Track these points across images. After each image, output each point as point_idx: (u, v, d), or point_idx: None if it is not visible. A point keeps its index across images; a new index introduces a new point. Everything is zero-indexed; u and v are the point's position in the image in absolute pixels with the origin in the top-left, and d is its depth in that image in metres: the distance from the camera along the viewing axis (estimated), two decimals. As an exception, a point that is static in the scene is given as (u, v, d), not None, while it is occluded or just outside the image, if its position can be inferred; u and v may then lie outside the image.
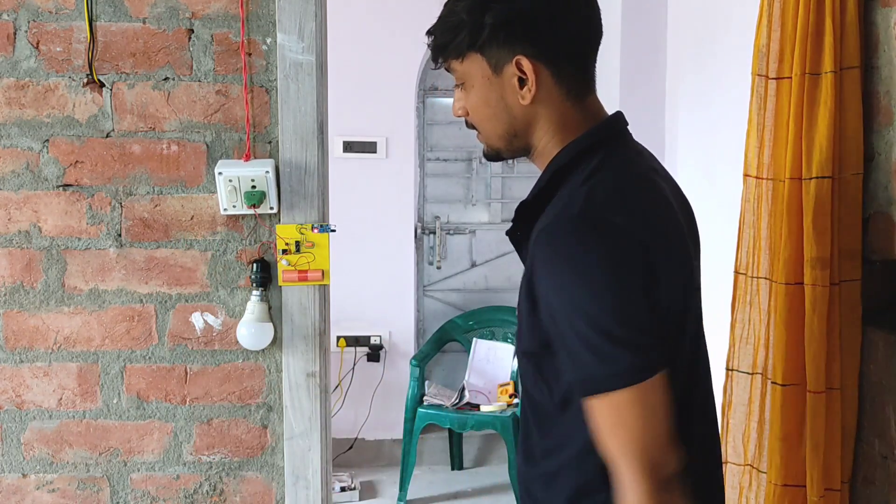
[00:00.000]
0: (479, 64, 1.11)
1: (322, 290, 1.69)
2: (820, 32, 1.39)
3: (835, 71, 1.37)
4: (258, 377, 1.71)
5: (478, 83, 1.13)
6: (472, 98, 1.15)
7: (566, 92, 1.12)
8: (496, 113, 1.14)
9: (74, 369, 1.69)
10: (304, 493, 1.71)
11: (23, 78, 1.63)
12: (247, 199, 1.61)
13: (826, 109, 1.38)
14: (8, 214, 1.66)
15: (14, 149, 1.65)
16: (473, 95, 1.15)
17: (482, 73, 1.12)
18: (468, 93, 1.15)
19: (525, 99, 1.11)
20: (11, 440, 1.70)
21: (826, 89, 1.38)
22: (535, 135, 1.15)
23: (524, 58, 1.09)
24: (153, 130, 1.65)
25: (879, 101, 1.38)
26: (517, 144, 1.17)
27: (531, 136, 1.16)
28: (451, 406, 3.62)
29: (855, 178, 1.40)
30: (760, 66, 1.48)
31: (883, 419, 1.36)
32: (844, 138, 1.40)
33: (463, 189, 4.23)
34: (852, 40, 1.38)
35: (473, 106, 1.16)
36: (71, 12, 1.63)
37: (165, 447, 1.71)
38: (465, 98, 1.16)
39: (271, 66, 1.65)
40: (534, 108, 1.12)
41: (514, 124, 1.14)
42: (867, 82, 1.40)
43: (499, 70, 1.11)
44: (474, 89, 1.14)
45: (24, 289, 1.67)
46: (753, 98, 1.49)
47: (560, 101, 1.12)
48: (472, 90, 1.14)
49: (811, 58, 1.40)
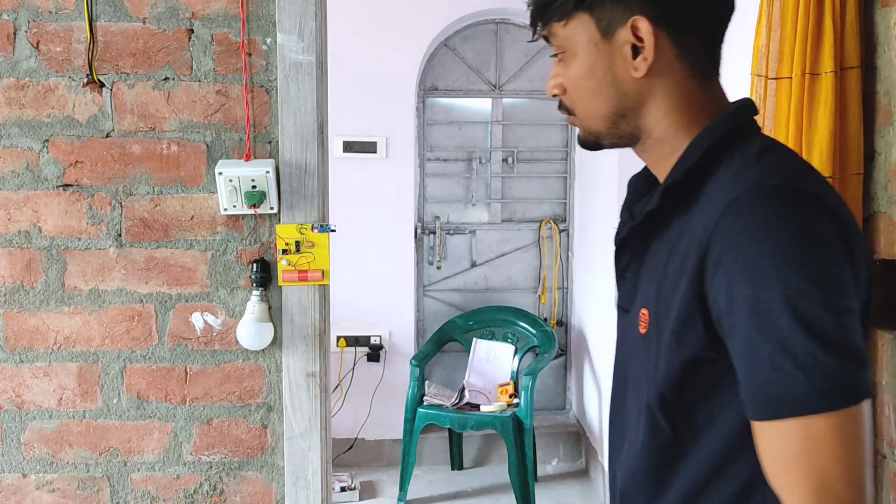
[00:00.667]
0: (585, 26, 0.93)
1: (322, 290, 1.69)
2: (820, 32, 1.39)
3: (835, 71, 1.37)
4: (258, 377, 1.71)
5: (582, 50, 0.94)
6: (573, 69, 0.95)
7: (689, 68, 0.94)
8: (601, 87, 0.94)
9: (74, 369, 1.69)
10: (304, 493, 1.71)
11: (23, 78, 1.64)
12: (247, 199, 1.61)
13: (826, 109, 1.38)
14: (8, 214, 1.66)
15: (14, 149, 1.65)
16: (575, 66, 0.95)
17: (589, 38, 0.93)
18: (568, 64, 0.96)
19: (639, 70, 0.92)
20: (11, 440, 1.70)
21: (826, 89, 1.38)
22: (649, 117, 0.96)
23: (643, 19, 0.90)
24: (153, 130, 1.65)
25: (879, 101, 1.38)
26: (623, 128, 0.97)
27: (642, 119, 0.96)
28: (451, 406, 3.62)
29: (855, 178, 1.40)
30: (760, 67, 1.48)
31: (883, 419, 1.36)
32: (844, 138, 1.40)
33: (463, 189, 4.23)
34: (852, 40, 1.38)
35: (573, 79, 0.96)
36: (71, 12, 1.63)
37: (165, 447, 1.71)
38: (564, 71, 0.97)
39: (271, 66, 1.65)
40: (648, 84, 0.94)
41: (623, 102, 0.95)
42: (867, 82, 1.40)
43: (609, 34, 0.93)
44: (577, 58, 0.95)
45: (24, 289, 1.67)
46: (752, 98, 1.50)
47: (682, 77, 0.94)
48: (573, 60, 0.95)
49: (811, 58, 1.40)
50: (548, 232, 4.24)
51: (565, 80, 0.97)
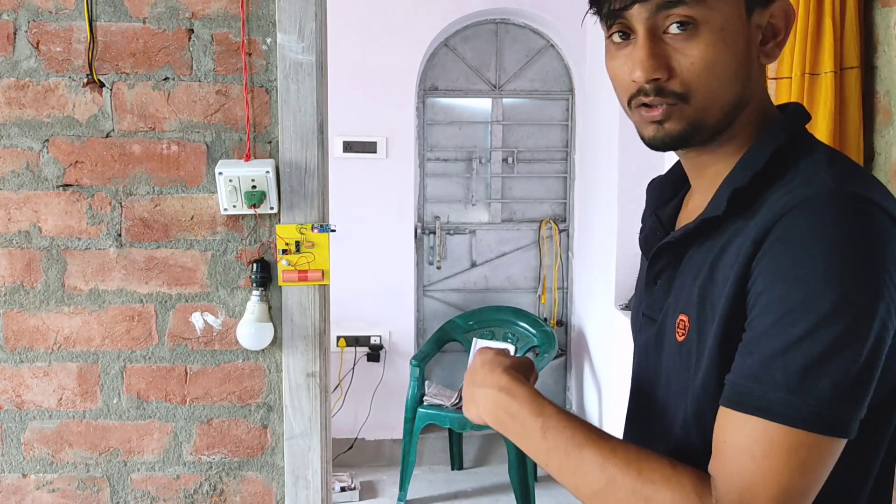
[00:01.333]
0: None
1: (322, 290, 1.69)
2: (819, 33, 1.39)
3: (834, 71, 1.37)
4: (258, 377, 1.71)
5: (726, 25, 0.81)
6: (707, 47, 0.81)
7: None
8: (737, 71, 0.83)
9: (74, 369, 1.69)
10: (304, 493, 1.71)
11: (23, 78, 1.64)
12: (247, 199, 1.61)
13: (826, 109, 1.38)
14: (8, 214, 1.66)
15: (14, 149, 1.65)
16: (715, 42, 0.81)
17: (735, 12, 0.81)
18: (697, 39, 0.81)
19: (771, 56, 0.84)
20: (11, 440, 1.70)
21: (826, 89, 1.38)
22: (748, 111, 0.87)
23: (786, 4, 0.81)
24: (153, 130, 1.65)
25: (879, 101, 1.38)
26: (727, 122, 0.86)
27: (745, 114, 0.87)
28: (451, 406, 3.62)
29: (855, 178, 1.40)
30: (760, 66, 1.48)
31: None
32: (844, 138, 1.40)
33: (463, 189, 4.23)
34: (852, 40, 1.38)
35: (706, 58, 0.81)
36: (71, 12, 1.63)
37: (165, 447, 1.71)
38: (688, 47, 0.82)
39: (271, 66, 1.65)
40: (762, 74, 0.86)
41: (748, 90, 0.85)
42: (867, 82, 1.40)
43: (751, 13, 0.83)
44: (715, 35, 0.81)
45: (24, 289, 1.67)
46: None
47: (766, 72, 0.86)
48: (709, 35, 0.81)
49: (811, 58, 1.40)
50: (548, 232, 4.24)
51: (693, 56, 0.82)
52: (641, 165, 3.26)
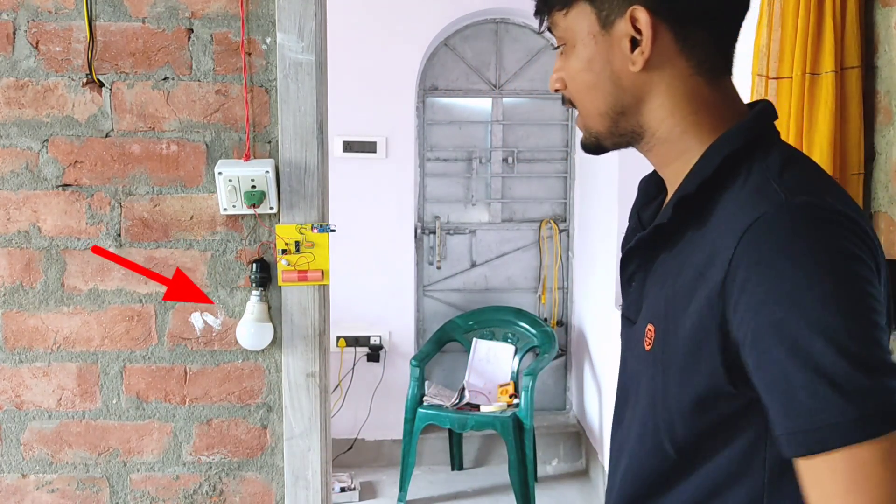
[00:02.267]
0: (586, 16, 0.90)
1: (322, 290, 1.69)
2: (820, 32, 1.39)
3: (835, 71, 1.37)
4: (258, 377, 1.71)
5: (582, 41, 0.91)
6: (573, 62, 0.92)
7: (696, 64, 0.89)
8: (599, 81, 0.91)
9: (74, 369, 1.69)
10: (304, 494, 1.71)
11: (22, 78, 1.63)
12: (247, 199, 1.61)
13: (826, 109, 1.38)
14: (7, 214, 1.66)
15: (13, 149, 1.65)
16: (574, 59, 0.92)
17: (588, 29, 0.90)
18: (568, 56, 0.93)
19: (636, 64, 0.88)
20: (11, 440, 1.70)
21: (826, 89, 1.38)
22: (650, 115, 0.91)
23: (642, 10, 0.86)
24: (153, 130, 1.65)
25: (880, 101, 1.38)
26: (624, 126, 0.93)
27: (643, 117, 0.92)
28: (451, 406, 3.62)
29: (855, 178, 1.40)
30: (761, 67, 1.48)
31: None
32: (845, 138, 1.39)
33: (463, 189, 4.22)
34: (853, 40, 1.38)
35: (573, 72, 0.93)
36: (70, 12, 1.63)
37: (165, 447, 1.71)
38: (565, 64, 0.94)
39: (271, 65, 1.64)
40: (648, 79, 0.89)
41: (621, 98, 0.91)
42: (868, 82, 1.40)
43: (608, 25, 0.89)
44: (576, 50, 0.92)
45: (24, 289, 1.67)
46: (754, 98, 1.49)
47: (688, 74, 0.89)
48: (573, 52, 0.92)
49: (811, 58, 1.39)
50: (548, 232, 4.24)
51: (566, 71, 0.93)
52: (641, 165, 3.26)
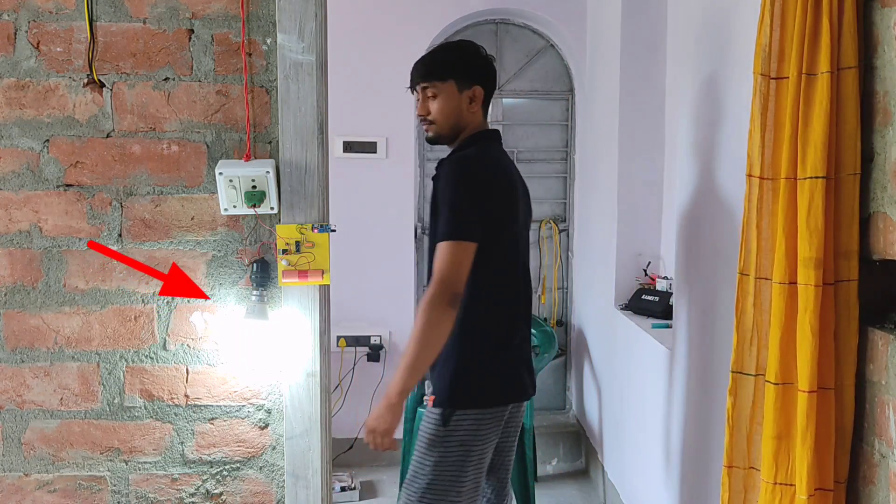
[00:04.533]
0: (451, 85, 1.99)
1: (322, 290, 1.69)
2: (817, 32, 1.39)
3: (831, 71, 1.37)
4: (258, 377, 1.71)
5: (448, 95, 1.99)
6: (441, 104, 1.99)
7: (482, 110, 2.06)
8: (452, 114, 2.00)
9: (75, 369, 1.69)
10: (304, 493, 1.71)
11: (23, 78, 1.64)
12: (247, 200, 1.61)
13: (821, 110, 1.38)
14: (8, 214, 1.66)
15: (14, 149, 1.65)
16: (443, 102, 1.99)
17: (450, 91, 1.99)
18: (435, 101, 2.00)
19: (473, 113, 2.03)
20: (12, 440, 1.70)
21: (822, 89, 1.38)
22: (465, 129, 2.03)
23: (479, 87, 2.02)
24: (153, 130, 1.66)
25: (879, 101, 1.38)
26: (454, 134, 2.02)
27: (462, 130, 2.03)
28: (451, 406, 3.62)
29: (851, 178, 1.40)
30: (763, 66, 1.48)
31: (882, 419, 1.36)
32: (841, 139, 1.39)
33: (463, 189, 4.22)
34: (850, 40, 1.38)
35: (440, 108, 2.00)
36: (71, 12, 1.63)
37: (165, 447, 1.71)
38: (435, 104, 2.00)
39: (271, 66, 1.65)
40: (472, 114, 2.03)
41: (460, 122, 2.02)
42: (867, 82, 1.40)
43: (461, 90, 2.00)
44: (444, 99, 1.99)
45: (25, 289, 1.67)
46: (756, 98, 1.49)
47: (478, 113, 2.05)
48: (441, 99, 1.99)
49: (808, 58, 1.39)
50: (548, 232, 4.24)
51: (435, 108, 2.00)
52: (641, 165, 3.26)
